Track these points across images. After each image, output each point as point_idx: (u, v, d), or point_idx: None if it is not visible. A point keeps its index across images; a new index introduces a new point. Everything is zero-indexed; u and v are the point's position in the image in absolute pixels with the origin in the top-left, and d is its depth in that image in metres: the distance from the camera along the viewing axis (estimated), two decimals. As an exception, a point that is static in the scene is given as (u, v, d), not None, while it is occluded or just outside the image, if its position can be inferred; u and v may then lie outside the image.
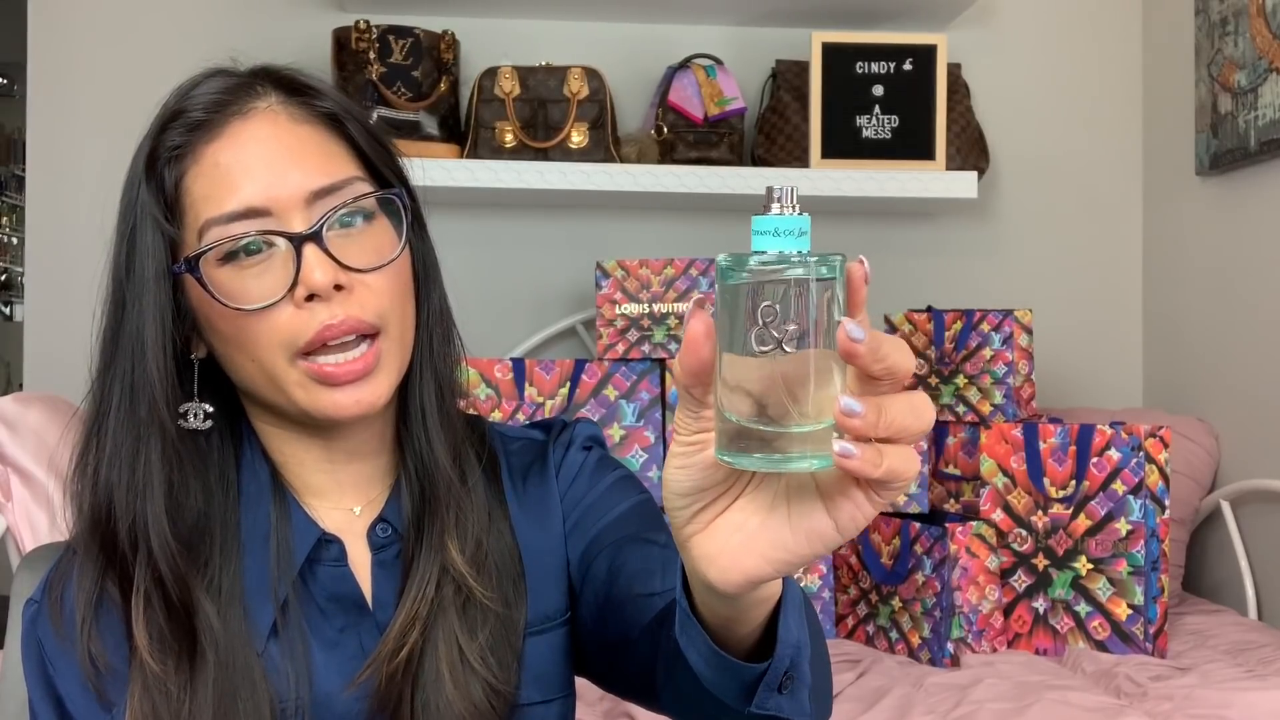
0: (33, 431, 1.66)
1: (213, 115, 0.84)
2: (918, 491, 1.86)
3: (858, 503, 0.57)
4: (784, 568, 0.58)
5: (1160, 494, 1.75)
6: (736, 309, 0.54)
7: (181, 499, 0.84)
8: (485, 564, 0.88)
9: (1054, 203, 2.45)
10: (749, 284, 0.53)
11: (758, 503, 0.59)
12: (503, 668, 0.86)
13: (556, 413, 2.00)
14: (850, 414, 0.52)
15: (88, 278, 2.48)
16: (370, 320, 0.82)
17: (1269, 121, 1.98)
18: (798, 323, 0.53)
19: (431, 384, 0.89)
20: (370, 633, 0.87)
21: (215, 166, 0.83)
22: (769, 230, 0.54)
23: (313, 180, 0.83)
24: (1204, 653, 1.75)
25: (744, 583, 0.59)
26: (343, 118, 0.87)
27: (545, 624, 0.90)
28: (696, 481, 0.59)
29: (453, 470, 0.89)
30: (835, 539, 0.57)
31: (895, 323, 2.03)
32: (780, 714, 0.67)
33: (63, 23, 2.24)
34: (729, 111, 2.18)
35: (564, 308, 2.33)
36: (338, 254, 0.81)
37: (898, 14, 2.31)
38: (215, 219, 0.81)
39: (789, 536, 0.58)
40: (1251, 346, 2.08)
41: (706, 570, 0.59)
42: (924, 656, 1.76)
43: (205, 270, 0.82)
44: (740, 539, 0.59)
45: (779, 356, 0.53)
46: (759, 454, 0.54)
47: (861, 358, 0.52)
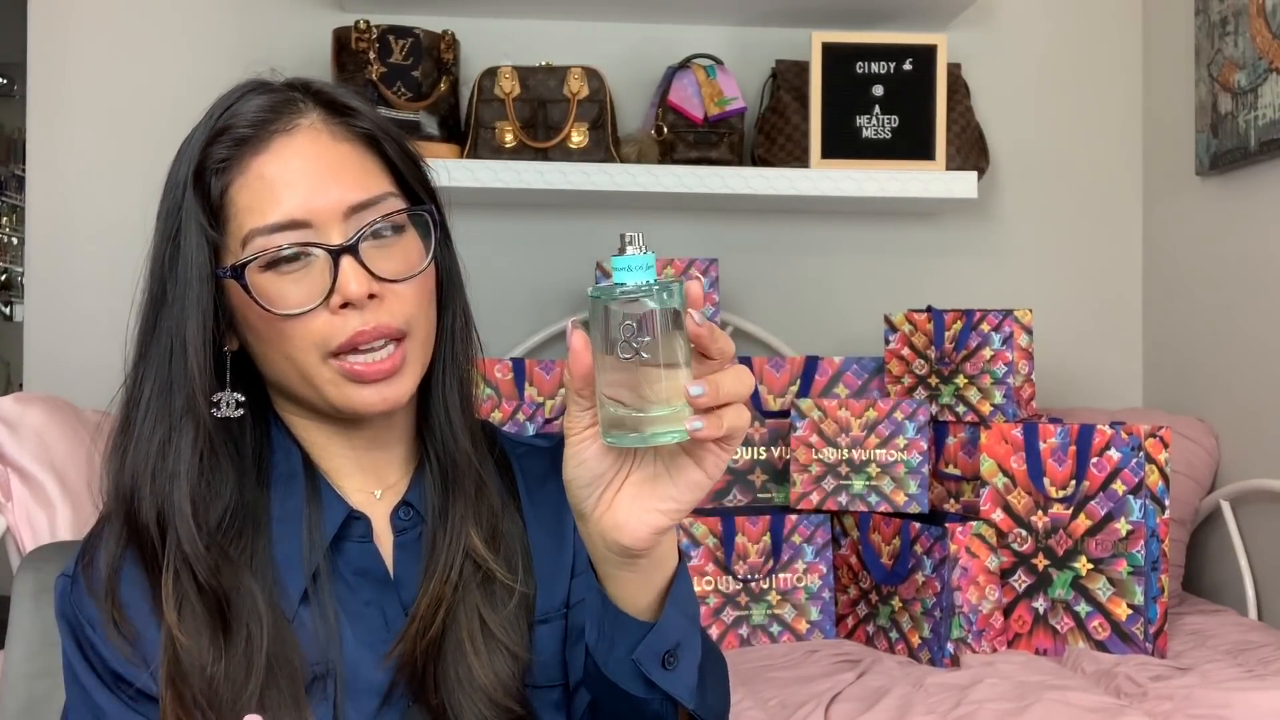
0: (33, 431, 1.66)
1: (258, 130, 0.90)
2: (918, 491, 1.86)
3: (715, 454, 0.75)
4: (676, 515, 0.76)
5: (1160, 494, 1.75)
6: (606, 327, 0.71)
7: (213, 481, 0.90)
8: (501, 547, 0.96)
9: (1054, 203, 2.45)
10: (613, 308, 0.70)
11: (643, 473, 0.76)
12: (521, 638, 0.94)
13: (556, 413, 2.00)
14: (694, 396, 0.70)
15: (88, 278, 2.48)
16: (398, 326, 0.90)
17: (1269, 121, 1.98)
18: (650, 335, 0.70)
19: (454, 381, 0.97)
20: (393, 606, 0.94)
21: (260, 179, 0.89)
22: (625, 267, 0.71)
23: (351, 195, 0.89)
24: (1204, 653, 1.75)
25: (650, 535, 0.76)
26: (380, 138, 0.94)
27: (550, 614, 0.97)
28: (592, 469, 0.76)
29: (474, 458, 0.97)
30: (708, 483, 0.75)
31: (895, 323, 2.03)
32: (667, 689, 0.83)
33: (63, 23, 2.24)
34: (729, 111, 2.18)
35: (564, 308, 2.33)
36: (371, 264, 0.88)
37: (898, 14, 2.31)
38: (259, 229, 0.88)
39: (673, 489, 0.76)
40: (1251, 346, 2.08)
41: (619, 536, 0.76)
42: (924, 656, 1.76)
43: (249, 276, 0.88)
44: (638, 503, 0.76)
45: (639, 360, 0.70)
46: (634, 434, 0.72)
47: (704, 339, 0.71)
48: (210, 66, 2.23)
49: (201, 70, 2.23)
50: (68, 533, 1.62)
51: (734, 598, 1.89)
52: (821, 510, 1.91)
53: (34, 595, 1.45)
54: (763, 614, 1.89)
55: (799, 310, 2.39)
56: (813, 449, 1.91)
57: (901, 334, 2.02)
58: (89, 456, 1.68)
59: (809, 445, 1.91)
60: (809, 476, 1.91)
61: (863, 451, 1.89)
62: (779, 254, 2.39)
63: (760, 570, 1.89)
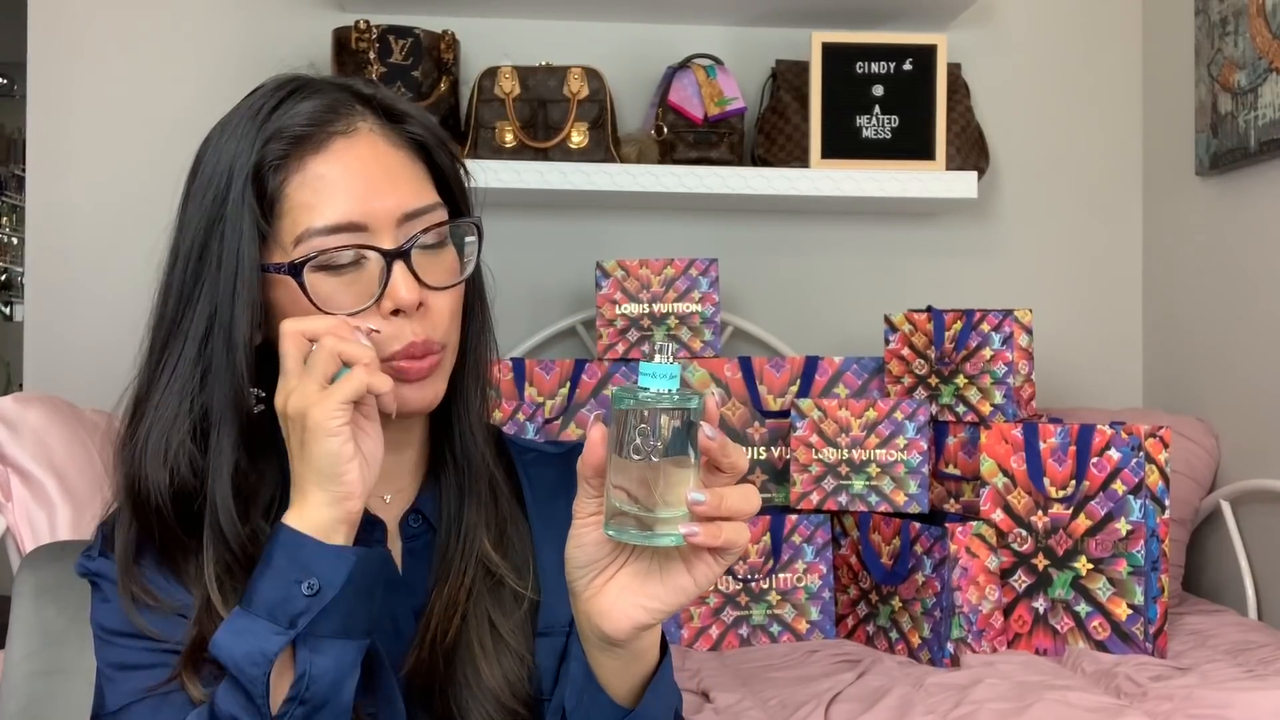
0: (33, 431, 1.66)
1: (318, 130, 0.90)
2: (918, 491, 1.86)
3: (708, 564, 0.77)
4: (658, 615, 0.78)
5: (1160, 494, 1.75)
6: (624, 426, 0.74)
7: (257, 470, 0.91)
8: (509, 552, 0.97)
9: (1054, 203, 2.45)
10: (632, 409, 0.73)
11: (635, 568, 0.78)
12: (528, 642, 0.95)
13: (556, 413, 2.00)
14: (695, 503, 0.73)
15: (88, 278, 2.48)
16: (439, 339, 0.92)
17: (1269, 121, 1.98)
18: (663, 440, 0.73)
19: (475, 386, 0.99)
20: (404, 611, 0.94)
21: (319, 179, 0.89)
22: (650, 374, 0.74)
23: (406, 203, 0.90)
24: (1204, 653, 1.75)
25: (630, 628, 0.78)
26: (431, 146, 0.95)
27: (553, 629, 0.96)
28: (589, 554, 0.78)
29: (489, 462, 0.98)
30: (695, 591, 0.77)
31: (895, 323, 2.03)
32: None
33: (63, 23, 2.24)
34: (729, 111, 2.18)
35: (564, 308, 2.33)
36: (420, 272, 0.90)
37: (898, 14, 2.31)
38: (315, 229, 0.88)
39: (660, 591, 0.77)
40: (1251, 346, 2.08)
41: (601, 623, 0.78)
42: (924, 656, 1.76)
43: (306, 275, 0.89)
44: (625, 596, 0.78)
45: (649, 462, 0.73)
46: (634, 530, 0.74)
47: (714, 452, 0.74)
48: (210, 66, 2.23)
49: (202, 70, 2.23)
50: (68, 533, 1.62)
51: (734, 598, 1.89)
52: (821, 510, 1.91)
53: (34, 595, 1.44)
54: (763, 614, 1.89)
55: (799, 310, 2.39)
56: (813, 449, 1.91)
57: (901, 334, 2.02)
58: (90, 456, 1.68)
59: (809, 445, 1.91)
60: (809, 476, 1.91)
61: (863, 451, 1.89)
62: (779, 254, 2.39)
63: (760, 570, 1.89)
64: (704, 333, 2.06)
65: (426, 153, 0.95)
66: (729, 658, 1.81)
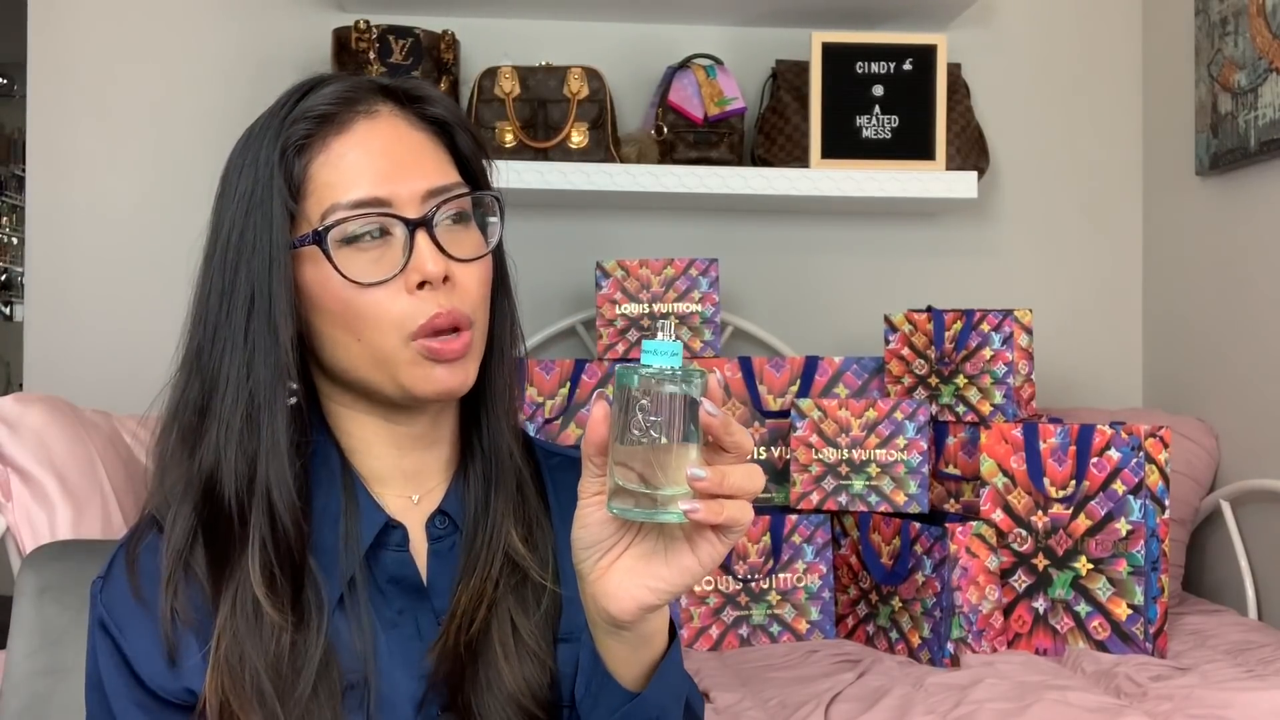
0: (33, 431, 1.66)
1: (341, 110, 0.92)
2: (918, 491, 1.86)
3: (711, 543, 0.76)
4: (664, 595, 0.78)
5: (1160, 494, 1.75)
6: (626, 403, 0.73)
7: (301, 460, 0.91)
8: (536, 548, 0.97)
9: (1054, 203, 2.45)
10: (635, 387, 0.73)
11: (642, 548, 0.78)
12: (549, 646, 0.94)
13: (556, 413, 2.00)
14: (695, 479, 0.72)
15: (88, 278, 2.48)
16: (467, 313, 0.92)
17: (1269, 121, 1.98)
18: (665, 416, 0.73)
19: (503, 378, 0.99)
20: (426, 616, 0.94)
21: (343, 158, 0.91)
22: (653, 350, 0.73)
23: (429, 180, 0.92)
24: (1204, 653, 1.75)
25: (636, 609, 0.78)
26: (453, 125, 0.97)
27: (573, 634, 0.96)
28: (594, 534, 0.78)
29: (518, 456, 0.98)
30: (700, 571, 0.77)
31: (895, 323, 2.03)
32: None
33: (63, 23, 2.24)
34: (729, 111, 2.18)
35: (564, 308, 2.33)
36: (444, 245, 0.91)
37: (898, 14, 2.31)
38: (340, 204, 0.90)
39: (665, 571, 0.77)
40: (1251, 346, 2.08)
41: (608, 604, 0.78)
42: (924, 656, 1.76)
43: (330, 245, 0.89)
44: (630, 577, 0.78)
45: (651, 439, 0.73)
46: (636, 508, 0.74)
47: (716, 429, 0.73)
48: (211, 67, 2.23)
49: (202, 70, 2.23)
50: (68, 533, 1.62)
51: (734, 598, 1.89)
52: (821, 510, 1.91)
53: (34, 595, 1.45)
54: (763, 614, 1.89)
55: (799, 310, 2.39)
56: (813, 449, 1.91)
57: (901, 334, 2.02)
58: (90, 456, 1.68)
59: (809, 445, 1.91)
60: (809, 476, 1.91)
61: (863, 451, 1.89)
62: (779, 254, 2.39)
63: (760, 570, 1.90)
64: (704, 333, 2.06)
65: (448, 135, 0.97)
66: (729, 658, 1.82)
